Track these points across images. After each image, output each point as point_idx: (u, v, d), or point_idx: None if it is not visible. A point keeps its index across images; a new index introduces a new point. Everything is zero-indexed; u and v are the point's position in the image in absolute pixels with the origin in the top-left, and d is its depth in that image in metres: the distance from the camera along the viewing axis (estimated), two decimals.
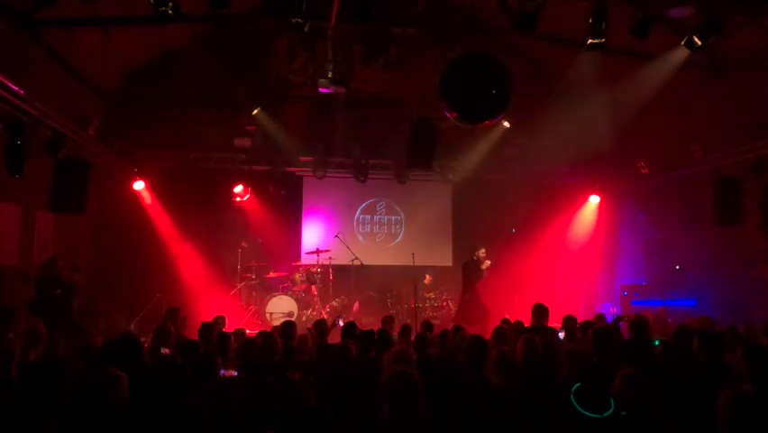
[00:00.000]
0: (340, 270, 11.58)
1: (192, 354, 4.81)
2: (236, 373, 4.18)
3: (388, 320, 7.02)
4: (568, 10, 7.64)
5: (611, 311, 10.90)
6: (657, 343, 5.19)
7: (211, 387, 3.90)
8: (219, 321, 6.84)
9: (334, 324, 7.38)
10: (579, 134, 10.29)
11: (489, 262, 9.62)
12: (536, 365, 4.52)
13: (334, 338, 6.36)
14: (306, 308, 10.95)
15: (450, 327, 6.57)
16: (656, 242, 11.56)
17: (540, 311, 6.56)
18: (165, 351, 5.24)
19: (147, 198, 10.79)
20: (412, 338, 6.16)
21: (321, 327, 6.27)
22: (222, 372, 3.74)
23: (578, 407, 3.13)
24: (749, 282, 9.07)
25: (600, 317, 7.59)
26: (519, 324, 6.63)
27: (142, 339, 5.00)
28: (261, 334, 5.54)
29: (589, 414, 3.12)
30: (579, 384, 3.26)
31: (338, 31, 8.50)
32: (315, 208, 12.42)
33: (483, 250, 9.65)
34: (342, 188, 12.27)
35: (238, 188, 11.33)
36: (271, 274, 11.30)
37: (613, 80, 9.18)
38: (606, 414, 3.11)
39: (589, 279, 12.30)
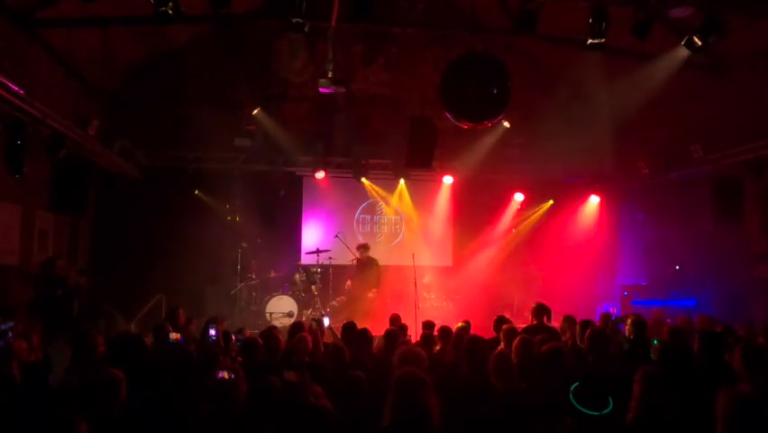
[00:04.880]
0: (340, 270, 11.58)
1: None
2: (233, 376, 4.17)
3: (395, 319, 7.01)
4: (568, 10, 7.66)
5: (611, 311, 10.89)
6: (656, 342, 5.17)
7: (210, 387, 3.89)
8: (217, 321, 6.83)
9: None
10: (579, 134, 10.28)
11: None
12: (533, 365, 4.51)
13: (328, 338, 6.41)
14: (306, 308, 10.95)
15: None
16: (656, 242, 11.56)
17: (540, 311, 6.56)
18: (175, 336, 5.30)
19: (147, 197, 10.78)
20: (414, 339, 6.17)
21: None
22: (220, 374, 3.73)
23: (577, 405, 3.13)
24: (749, 282, 9.07)
25: (606, 316, 7.58)
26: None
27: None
28: (263, 333, 5.55)
29: (589, 412, 3.13)
30: (577, 383, 3.27)
31: (338, 31, 8.50)
32: (315, 208, 12.42)
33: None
34: (342, 188, 12.27)
35: (240, 188, 11.34)
36: (271, 274, 11.29)
37: (613, 80, 9.18)
38: (605, 411, 3.12)
39: (589, 279, 12.29)
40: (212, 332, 5.86)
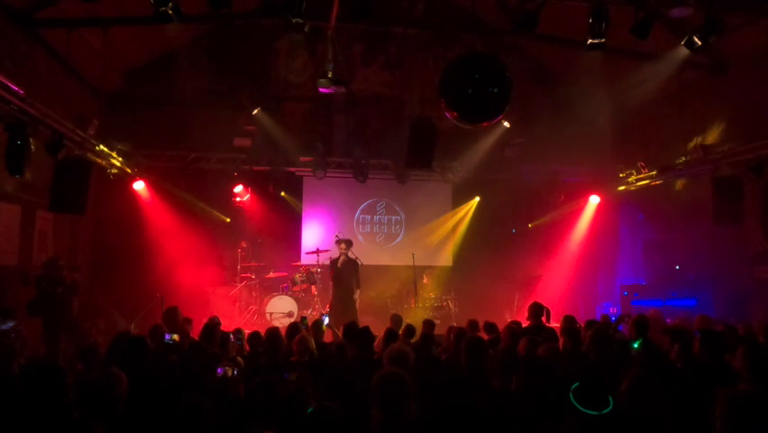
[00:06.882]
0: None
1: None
2: (235, 371, 4.17)
3: (397, 319, 6.98)
4: (568, 10, 7.67)
5: (611, 311, 10.90)
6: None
7: (211, 386, 3.90)
8: (216, 322, 6.83)
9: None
10: (579, 134, 10.29)
11: None
12: (535, 365, 4.50)
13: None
14: (306, 308, 10.95)
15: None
16: (656, 242, 11.55)
17: (537, 311, 6.50)
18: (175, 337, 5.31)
19: (146, 197, 10.79)
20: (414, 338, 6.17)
21: (317, 327, 6.31)
22: (221, 370, 3.75)
23: (577, 405, 3.13)
24: (749, 282, 9.07)
25: (605, 318, 7.58)
26: (517, 324, 6.53)
27: None
28: (265, 332, 5.56)
29: (588, 411, 3.13)
30: (577, 383, 3.28)
31: (338, 31, 8.50)
32: (315, 208, 12.42)
33: None
34: (342, 188, 12.26)
35: (238, 188, 11.34)
36: (271, 274, 11.30)
37: (613, 80, 9.19)
38: (605, 411, 3.12)
39: (589, 279, 12.30)
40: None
